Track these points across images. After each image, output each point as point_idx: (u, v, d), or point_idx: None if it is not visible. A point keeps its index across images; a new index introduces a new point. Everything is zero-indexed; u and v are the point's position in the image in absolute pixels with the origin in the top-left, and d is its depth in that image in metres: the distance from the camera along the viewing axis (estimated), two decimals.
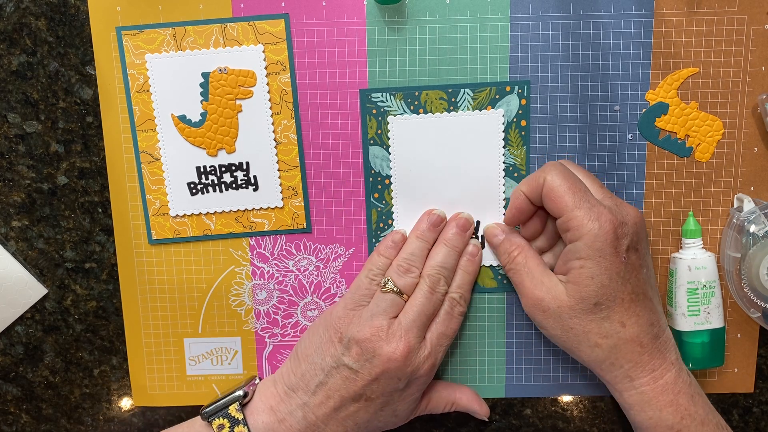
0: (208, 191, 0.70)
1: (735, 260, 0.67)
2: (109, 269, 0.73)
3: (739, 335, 0.72)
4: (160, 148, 0.70)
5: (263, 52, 0.68)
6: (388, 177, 0.70)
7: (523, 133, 0.69)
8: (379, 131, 0.69)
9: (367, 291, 0.68)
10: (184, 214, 0.71)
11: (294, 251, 0.72)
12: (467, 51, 0.68)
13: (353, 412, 0.66)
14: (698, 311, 0.68)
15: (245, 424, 0.66)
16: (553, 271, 0.66)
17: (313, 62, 0.68)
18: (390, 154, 0.69)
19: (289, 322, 0.73)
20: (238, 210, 0.71)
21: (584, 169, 0.67)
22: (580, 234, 0.61)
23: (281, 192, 0.70)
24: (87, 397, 0.75)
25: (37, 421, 0.76)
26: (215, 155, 0.70)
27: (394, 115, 0.69)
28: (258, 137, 0.69)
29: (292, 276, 0.72)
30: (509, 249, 0.68)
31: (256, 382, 0.70)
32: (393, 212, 0.70)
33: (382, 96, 0.68)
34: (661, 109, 0.68)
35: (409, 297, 0.67)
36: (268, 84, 0.68)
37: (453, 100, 0.68)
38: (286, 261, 0.72)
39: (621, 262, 0.62)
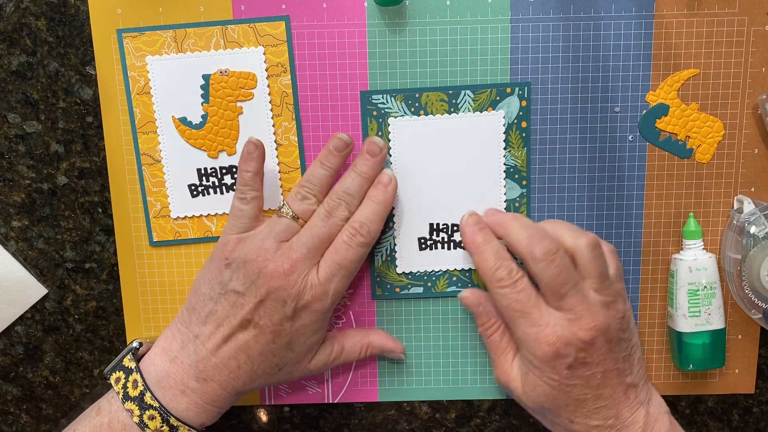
0: (208, 193, 0.70)
1: (735, 261, 0.67)
2: (109, 269, 0.73)
3: (739, 336, 0.72)
4: (160, 150, 0.70)
5: (264, 54, 0.68)
6: None
7: (523, 134, 0.69)
8: (380, 133, 0.69)
9: (250, 215, 0.66)
10: (185, 216, 0.71)
11: None
12: (468, 53, 0.68)
13: (243, 343, 0.63)
14: (699, 312, 0.68)
15: (138, 371, 0.63)
16: None
17: (313, 64, 0.68)
18: (390, 156, 0.69)
19: None
20: None
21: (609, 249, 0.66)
22: (524, 344, 0.63)
23: (282, 194, 0.70)
24: (87, 397, 0.75)
25: (37, 421, 0.76)
26: (216, 157, 0.70)
27: (395, 117, 0.68)
28: (259, 139, 0.69)
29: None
30: (485, 322, 0.69)
31: None
32: (394, 214, 0.70)
33: (382, 98, 0.68)
34: (662, 110, 0.68)
35: (305, 223, 0.65)
36: (268, 86, 0.68)
37: (453, 101, 0.68)
38: None
39: (562, 377, 0.62)
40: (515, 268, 0.64)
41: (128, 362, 0.64)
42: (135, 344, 0.67)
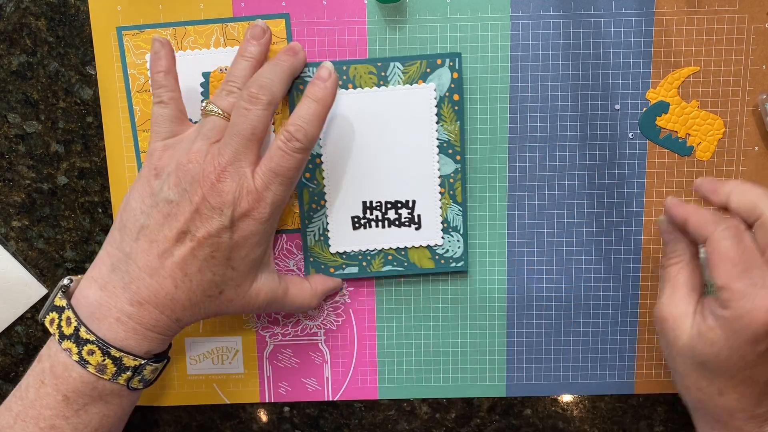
0: None
1: None
2: None
3: None
4: None
5: None
6: (319, 156, 0.68)
7: (456, 107, 0.67)
8: None
9: (171, 118, 0.63)
10: None
11: (294, 250, 0.72)
12: (467, 50, 0.68)
13: (180, 259, 0.58)
14: None
15: (69, 307, 0.58)
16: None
17: (313, 62, 0.68)
18: None
19: (289, 321, 0.73)
20: None
21: None
22: (729, 305, 0.54)
23: None
24: None
25: None
26: None
27: None
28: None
29: (293, 275, 0.72)
30: (672, 252, 0.61)
31: None
32: (325, 192, 0.69)
33: (309, 71, 0.67)
34: (662, 108, 0.68)
35: None
36: None
37: (382, 74, 0.67)
38: (287, 260, 0.72)
39: (752, 353, 0.54)
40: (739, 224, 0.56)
41: (59, 300, 0.59)
42: (65, 281, 0.61)
